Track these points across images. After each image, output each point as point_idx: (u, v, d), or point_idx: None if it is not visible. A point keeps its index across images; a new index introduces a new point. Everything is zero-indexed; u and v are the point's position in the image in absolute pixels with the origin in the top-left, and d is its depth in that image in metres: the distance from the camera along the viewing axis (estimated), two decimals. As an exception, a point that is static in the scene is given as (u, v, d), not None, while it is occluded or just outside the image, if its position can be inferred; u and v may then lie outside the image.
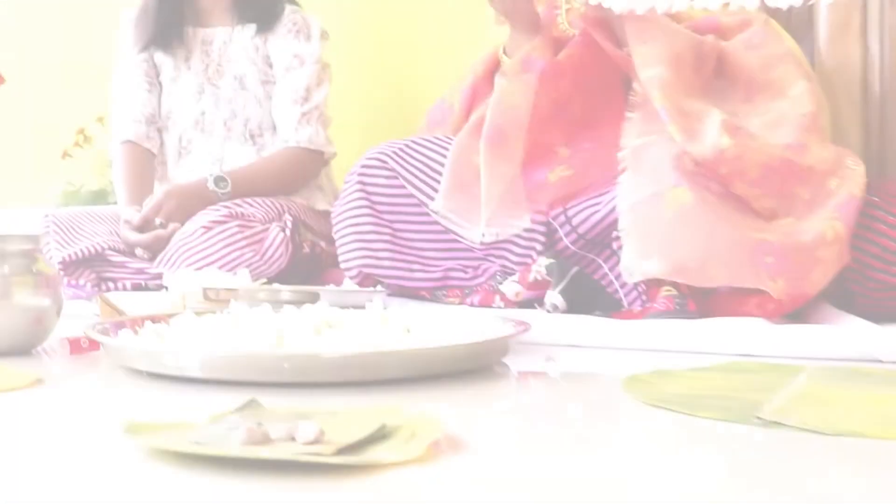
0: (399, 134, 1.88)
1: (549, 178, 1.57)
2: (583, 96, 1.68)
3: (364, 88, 2.54)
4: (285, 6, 2.20)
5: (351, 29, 2.51)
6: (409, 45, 2.49)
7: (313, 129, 2.13)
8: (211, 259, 1.86)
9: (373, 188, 1.71)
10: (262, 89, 2.18)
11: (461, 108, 1.85)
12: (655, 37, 1.53)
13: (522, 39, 1.75)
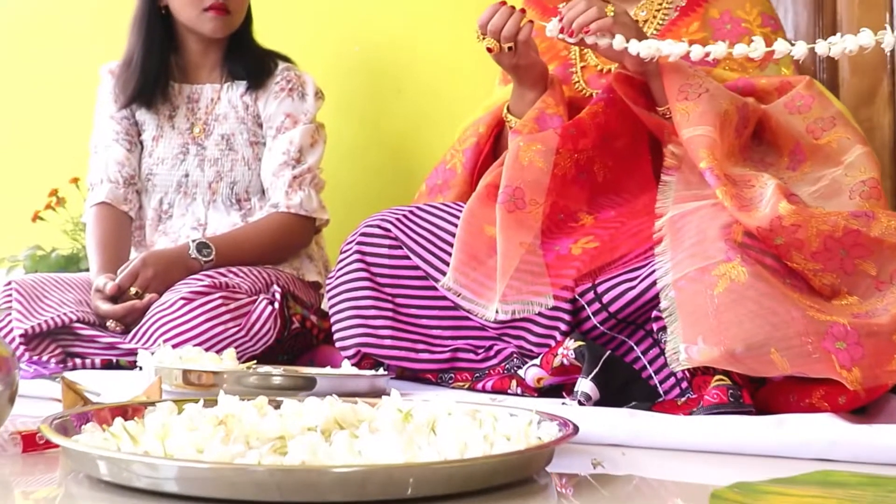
0: (395, 201, 1.70)
1: (573, 251, 1.39)
2: (606, 158, 1.52)
3: (359, 152, 2.37)
4: (278, 62, 2.04)
5: (346, 88, 2.35)
6: (406, 107, 2.33)
7: (305, 194, 1.95)
8: (191, 334, 1.66)
9: (373, 258, 1.53)
10: (250, 150, 2.00)
11: (465, 171, 1.68)
12: (700, 93, 1.38)
13: (530, 96, 1.60)
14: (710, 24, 1.62)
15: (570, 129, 1.47)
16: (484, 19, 1.52)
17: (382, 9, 2.32)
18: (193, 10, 1.93)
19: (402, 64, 2.33)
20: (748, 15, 1.63)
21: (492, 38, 1.52)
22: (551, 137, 1.46)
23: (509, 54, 1.53)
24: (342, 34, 2.36)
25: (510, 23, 1.50)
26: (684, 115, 1.37)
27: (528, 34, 1.52)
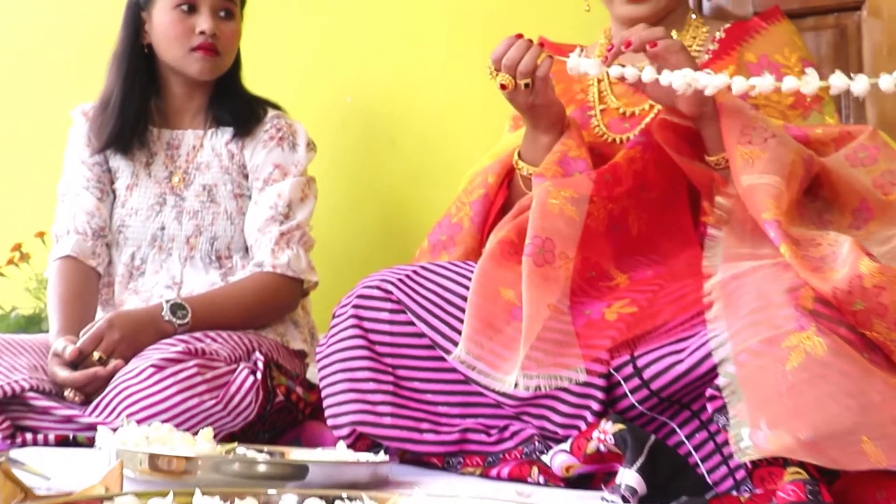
0: (389, 263, 1.50)
1: (607, 316, 1.20)
2: (641, 210, 1.34)
3: (351, 208, 2.17)
4: (268, 109, 1.86)
5: (338, 140, 2.16)
6: (401, 160, 2.14)
7: (293, 253, 1.75)
8: (161, 408, 1.44)
9: (372, 324, 1.33)
10: (234, 203, 1.80)
11: (474, 226, 1.50)
12: (766, 137, 1.21)
13: (545, 141, 1.43)
14: (747, 67, 1.46)
15: (605, 175, 1.29)
16: (498, 53, 1.35)
17: (375, 58, 2.15)
18: (180, 50, 1.75)
19: (396, 115, 2.15)
20: (787, 60, 1.47)
21: (506, 74, 1.35)
22: (584, 183, 1.28)
23: (525, 92, 1.36)
24: (333, 83, 2.19)
25: (527, 57, 1.33)
26: (747, 161, 1.19)
27: (546, 70, 1.35)
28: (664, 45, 1.24)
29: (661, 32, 1.26)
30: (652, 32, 1.25)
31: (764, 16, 1.51)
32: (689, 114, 1.28)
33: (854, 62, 1.77)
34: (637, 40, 1.25)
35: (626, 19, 1.47)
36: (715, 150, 1.29)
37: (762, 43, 1.48)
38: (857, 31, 1.78)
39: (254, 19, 1.90)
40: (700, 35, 1.53)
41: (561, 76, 1.58)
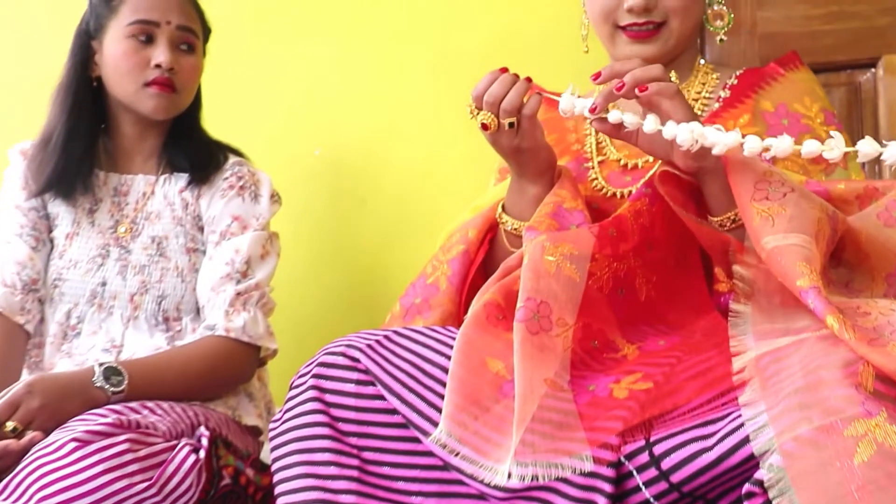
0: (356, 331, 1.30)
1: (616, 393, 0.99)
2: (649, 271, 1.15)
3: (316, 270, 1.97)
4: (229, 155, 1.66)
5: (304, 196, 1.97)
6: (372, 219, 1.95)
7: (250, 316, 1.53)
8: (82, 490, 1.20)
9: (334, 397, 1.11)
10: (186, 258, 1.59)
11: (452, 287, 1.30)
12: (784, 192, 1.03)
13: (533, 192, 1.25)
14: (764, 117, 1.29)
15: (608, 229, 1.10)
16: (480, 89, 1.18)
17: (348, 107, 1.97)
18: (132, 84, 1.56)
19: (368, 170, 1.96)
20: (808, 110, 1.30)
21: (488, 113, 1.18)
22: (585, 238, 1.09)
23: (510, 133, 1.19)
24: (301, 133, 2.00)
25: (512, 93, 1.17)
26: (766, 220, 1.00)
27: (534, 108, 1.18)
28: (656, 88, 1.07)
29: (657, 71, 1.09)
30: (646, 72, 1.08)
31: (781, 62, 1.35)
32: (685, 168, 1.11)
33: (869, 122, 1.62)
34: (630, 80, 1.07)
35: None
36: (719, 208, 1.11)
37: (780, 91, 1.32)
38: (872, 89, 1.63)
39: (219, 58, 1.72)
40: (710, 81, 1.37)
41: (554, 125, 1.42)
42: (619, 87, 1.08)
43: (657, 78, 1.08)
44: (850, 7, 1.64)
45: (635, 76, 1.07)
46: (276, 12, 2.01)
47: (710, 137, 1.02)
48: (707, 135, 1.02)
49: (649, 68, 1.09)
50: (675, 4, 1.29)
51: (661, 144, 1.09)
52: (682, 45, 1.34)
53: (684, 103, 1.09)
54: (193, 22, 1.61)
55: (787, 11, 1.67)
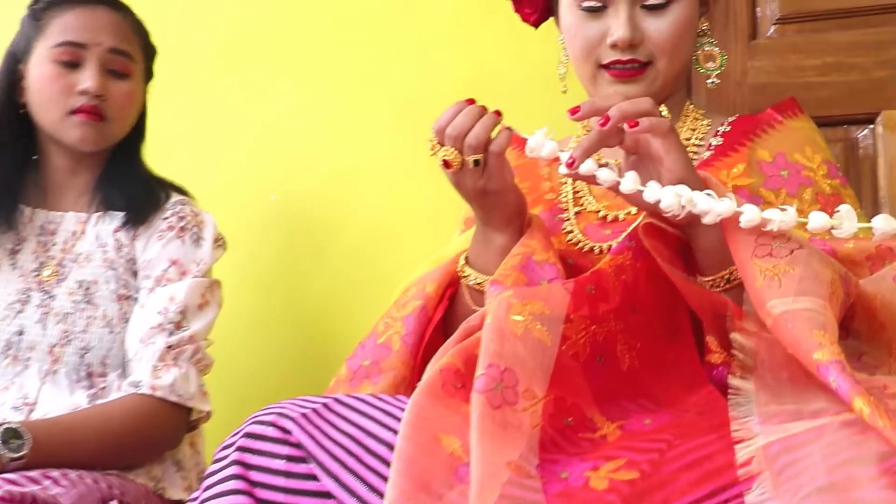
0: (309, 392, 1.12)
1: (593, 483, 0.81)
2: (633, 337, 0.97)
3: (263, 324, 1.79)
4: (171, 194, 1.49)
5: (255, 244, 1.80)
6: (328, 271, 1.77)
7: (181, 372, 1.35)
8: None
9: (261, 475, 0.92)
10: (116, 307, 1.41)
11: (406, 348, 1.13)
12: (791, 249, 0.87)
13: (499, 241, 1.09)
14: (760, 167, 1.14)
15: (586, 286, 0.93)
16: (443, 121, 1.02)
17: (306, 151, 1.81)
18: (56, 111, 1.40)
19: (325, 219, 1.80)
20: (810, 161, 1.15)
21: (451, 148, 1.02)
22: (558, 295, 0.91)
23: (475, 172, 1.03)
24: (256, 177, 1.83)
25: (479, 126, 1.01)
26: (771, 281, 0.84)
27: (504, 144, 1.02)
28: (647, 124, 0.92)
29: (646, 105, 0.94)
30: (635, 105, 0.93)
31: (779, 108, 1.20)
32: (673, 220, 0.95)
33: (867, 181, 1.47)
34: (616, 114, 0.92)
35: None
36: (712, 266, 0.96)
37: (778, 139, 1.17)
38: (871, 146, 1.49)
39: (174, 92, 1.56)
40: (700, 127, 1.22)
41: (526, 171, 1.26)
42: (603, 122, 0.92)
43: (647, 112, 0.93)
44: (847, 59, 1.50)
45: (622, 109, 0.92)
46: (238, 49, 1.85)
47: (700, 204, 0.88)
48: (696, 201, 0.88)
49: (638, 101, 0.94)
50: (663, 42, 1.14)
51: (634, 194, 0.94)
52: (670, 88, 1.19)
53: (678, 143, 0.94)
54: (128, 44, 1.45)
55: (780, 61, 1.53)
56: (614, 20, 1.14)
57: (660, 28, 1.14)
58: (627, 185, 0.91)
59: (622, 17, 1.13)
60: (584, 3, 1.16)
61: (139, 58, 1.47)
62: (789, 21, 1.54)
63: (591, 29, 1.16)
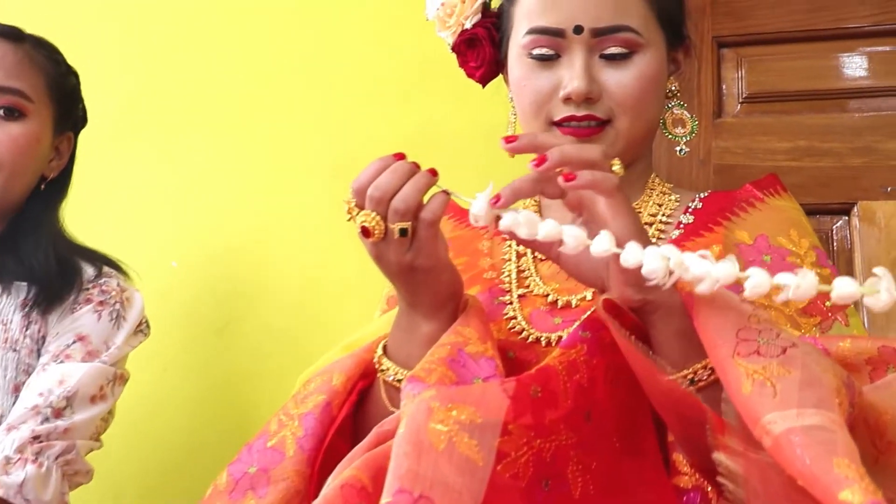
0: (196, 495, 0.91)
1: None
2: (587, 454, 0.75)
3: (150, 417, 1.52)
4: (102, 266, 1.27)
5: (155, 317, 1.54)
6: (232, 349, 1.53)
7: (38, 472, 1.10)
8: None
9: None
10: (11, 401, 1.17)
11: (303, 453, 0.89)
12: (784, 346, 0.68)
13: (426, 329, 0.87)
14: (739, 251, 0.95)
15: (530, 388, 0.71)
16: (364, 179, 0.81)
17: (213, 214, 1.58)
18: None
19: (231, 290, 1.56)
20: (796, 246, 0.96)
21: (373, 213, 0.80)
22: (495, 399, 0.69)
23: (400, 244, 0.82)
24: (157, 240, 1.59)
25: (410, 187, 0.80)
26: (762, 388, 0.65)
27: (439, 210, 0.81)
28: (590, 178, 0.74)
29: (594, 153, 0.76)
30: (581, 151, 0.76)
31: (760, 184, 1.02)
32: (623, 301, 0.76)
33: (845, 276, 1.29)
34: (557, 157, 0.74)
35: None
36: (679, 359, 0.76)
37: (759, 219, 0.98)
38: (846, 238, 1.32)
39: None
40: (668, 203, 1.03)
41: (464, 245, 1.06)
42: (538, 163, 0.73)
43: (594, 163, 0.73)
44: (821, 143, 1.34)
45: (564, 152, 0.74)
46: (143, 102, 1.63)
47: (693, 268, 0.67)
48: (689, 264, 0.67)
49: (586, 147, 0.76)
50: (625, 97, 0.96)
51: (590, 264, 0.76)
52: (633, 153, 1.00)
53: (626, 206, 0.75)
54: (20, 80, 1.23)
55: (748, 142, 1.37)
56: (568, 70, 0.96)
57: (621, 81, 0.96)
58: (573, 240, 0.70)
59: (577, 68, 0.95)
60: (535, 50, 0.98)
61: (41, 97, 1.24)
62: (758, 100, 1.39)
63: (542, 80, 0.98)
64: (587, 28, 0.95)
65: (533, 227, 0.72)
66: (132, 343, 1.25)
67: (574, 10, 0.96)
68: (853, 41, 1.37)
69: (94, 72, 1.59)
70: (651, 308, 0.76)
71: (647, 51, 0.97)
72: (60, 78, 1.29)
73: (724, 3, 1.42)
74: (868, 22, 1.36)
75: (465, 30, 1.07)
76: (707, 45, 1.41)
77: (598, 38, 0.95)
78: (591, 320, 0.81)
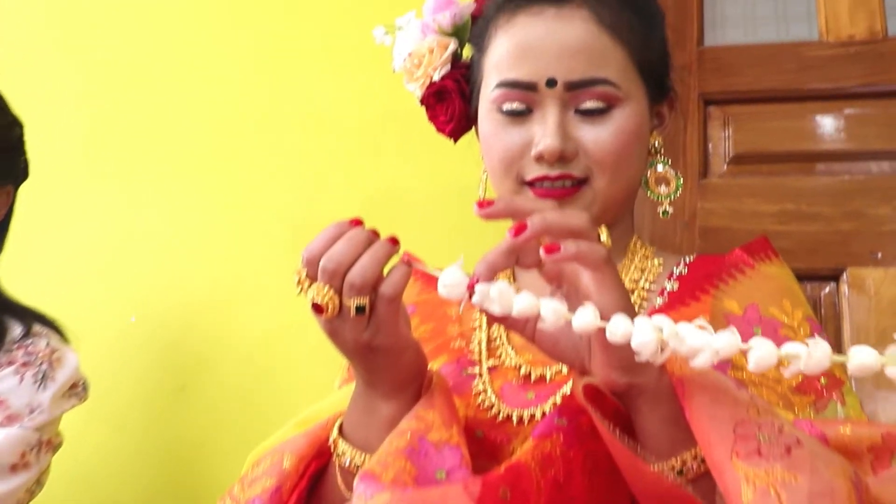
0: None
1: None
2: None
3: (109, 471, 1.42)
4: (33, 325, 1.18)
5: (109, 375, 1.45)
6: (191, 410, 1.43)
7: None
8: None
9: None
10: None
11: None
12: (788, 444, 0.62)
13: (386, 411, 0.78)
14: (728, 322, 0.87)
15: (499, 489, 0.63)
16: (316, 248, 0.73)
17: (174, 269, 1.49)
18: None
19: (191, 349, 1.47)
20: (789, 318, 0.89)
21: (326, 287, 0.72)
22: (457, 500, 0.60)
23: (357, 322, 0.73)
24: (115, 295, 1.50)
25: (368, 259, 0.71)
26: (766, 498, 0.59)
27: (400, 285, 0.73)
28: (574, 250, 0.65)
29: (579, 221, 0.67)
30: (564, 219, 0.67)
31: (750, 248, 0.95)
32: (606, 384, 0.69)
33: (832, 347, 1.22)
34: (538, 225, 0.66)
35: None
36: (666, 447, 0.68)
37: (749, 287, 0.91)
38: (834, 305, 1.25)
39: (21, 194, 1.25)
40: (652, 268, 0.95)
41: (430, 310, 0.98)
42: (515, 231, 0.65)
43: (579, 233, 0.66)
44: (809, 207, 1.28)
45: (547, 220, 0.66)
46: (102, 152, 1.55)
47: (689, 339, 0.60)
48: (684, 335, 0.60)
49: (571, 214, 0.67)
50: (602, 155, 0.89)
51: (568, 342, 0.69)
52: (612, 215, 0.93)
53: (615, 280, 0.67)
54: None
55: (735, 204, 1.30)
56: (541, 126, 0.89)
57: (598, 138, 0.88)
58: (584, 319, 0.62)
59: (550, 124, 0.88)
60: (505, 104, 0.90)
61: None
62: (745, 160, 1.33)
63: (513, 136, 0.90)
64: (561, 81, 0.88)
65: (507, 302, 0.64)
66: (62, 406, 1.16)
67: (547, 61, 0.89)
68: (843, 101, 1.31)
69: (49, 119, 1.52)
70: (637, 392, 0.68)
71: (627, 105, 0.90)
72: (3, 129, 1.22)
73: (711, 59, 1.37)
74: (858, 82, 1.31)
75: (433, 82, 1.00)
76: (693, 103, 1.35)
77: (573, 91, 0.88)
78: (567, 406, 0.73)
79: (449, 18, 1.00)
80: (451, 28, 1.02)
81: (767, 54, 1.35)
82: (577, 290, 0.67)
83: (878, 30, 1.33)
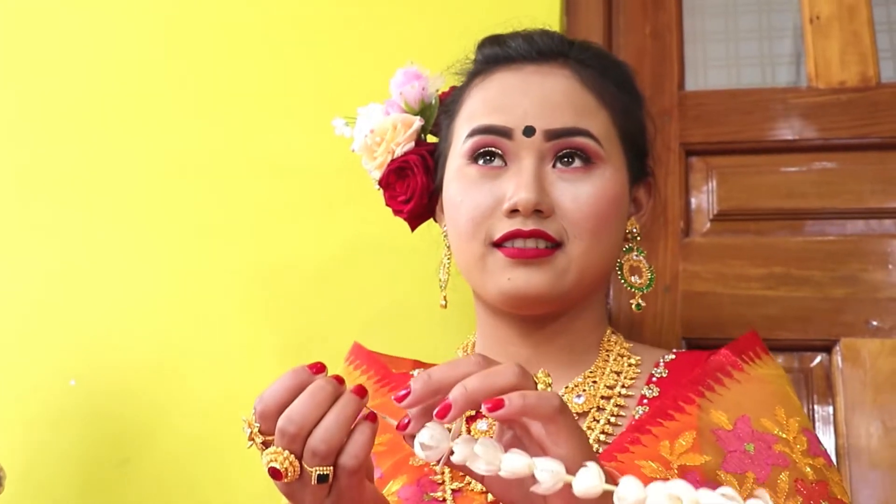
0: None
1: None
2: None
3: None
4: None
5: (49, 446, 1.32)
6: (138, 484, 1.31)
7: None
8: None
9: None
10: None
11: None
12: None
13: None
14: (717, 439, 0.77)
15: None
16: (272, 403, 0.62)
17: (117, 328, 1.35)
18: None
19: (136, 417, 1.33)
20: (784, 430, 0.79)
21: (284, 451, 0.61)
22: None
23: (318, 489, 0.62)
24: (52, 357, 1.37)
25: (332, 421, 0.60)
26: None
27: (365, 449, 0.62)
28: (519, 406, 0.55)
29: (510, 375, 0.57)
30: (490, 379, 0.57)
31: (737, 347, 0.84)
32: None
33: (822, 421, 1.12)
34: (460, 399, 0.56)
35: (511, 299, 0.78)
36: None
37: (739, 395, 0.80)
38: (826, 378, 1.14)
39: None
40: (628, 370, 0.84)
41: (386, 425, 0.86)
42: (440, 414, 0.55)
43: (513, 385, 0.55)
44: (799, 270, 1.18)
45: (469, 391, 0.56)
46: (37, 195, 1.42)
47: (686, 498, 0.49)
48: (682, 495, 0.49)
49: (494, 373, 0.57)
50: (580, 217, 0.80)
51: (520, 489, 0.59)
52: (584, 291, 0.82)
53: (572, 428, 0.57)
54: None
55: (719, 266, 1.20)
56: (515, 178, 0.80)
57: (577, 197, 0.80)
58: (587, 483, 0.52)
59: (526, 175, 0.79)
60: (478, 152, 0.82)
61: None
62: (729, 218, 1.22)
63: (483, 193, 0.81)
64: (540, 130, 0.80)
65: (493, 460, 0.54)
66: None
67: (525, 109, 0.81)
68: (835, 153, 1.21)
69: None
70: None
71: (608, 167, 0.81)
72: None
73: (693, 107, 1.27)
74: (851, 133, 1.21)
75: (394, 158, 0.90)
76: (674, 153, 1.25)
77: (552, 141, 0.80)
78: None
79: (417, 91, 0.90)
80: (417, 104, 0.92)
81: (752, 101, 1.25)
82: (530, 441, 0.57)
83: (870, 76, 1.23)
